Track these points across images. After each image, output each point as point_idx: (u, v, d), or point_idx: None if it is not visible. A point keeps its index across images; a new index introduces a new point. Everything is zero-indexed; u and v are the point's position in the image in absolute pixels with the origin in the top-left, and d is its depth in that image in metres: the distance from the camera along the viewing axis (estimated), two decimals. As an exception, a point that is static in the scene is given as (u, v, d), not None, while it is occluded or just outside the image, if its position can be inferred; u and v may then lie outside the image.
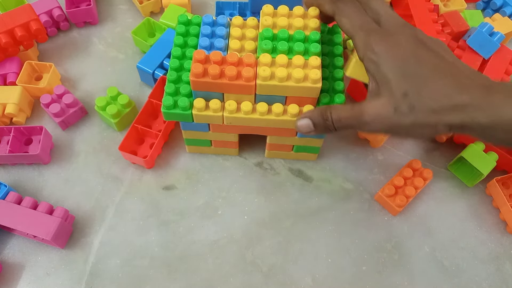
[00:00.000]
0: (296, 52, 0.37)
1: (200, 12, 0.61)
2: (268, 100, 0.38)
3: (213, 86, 0.37)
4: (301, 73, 0.35)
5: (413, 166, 0.46)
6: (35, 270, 0.42)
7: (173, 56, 0.40)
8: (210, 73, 0.35)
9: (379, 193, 0.45)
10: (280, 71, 0.35)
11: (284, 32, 0.37)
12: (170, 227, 0.44)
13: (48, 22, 0.55)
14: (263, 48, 0.37)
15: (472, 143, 0.47)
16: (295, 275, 0.42)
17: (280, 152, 0.47)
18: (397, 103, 0.32)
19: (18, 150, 0.47)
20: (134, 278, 0.41)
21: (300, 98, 0.38)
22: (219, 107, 0.38)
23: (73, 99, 0.48)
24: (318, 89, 0.36)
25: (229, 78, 0.35)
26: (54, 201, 0.45)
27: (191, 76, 0.36)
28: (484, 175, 0.45)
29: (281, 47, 0.37)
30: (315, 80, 0.35)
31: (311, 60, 0.36)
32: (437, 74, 0.32)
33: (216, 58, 0.35)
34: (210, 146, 0.47)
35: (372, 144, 0.50)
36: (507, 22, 0.57)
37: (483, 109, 0.30)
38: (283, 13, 0.39)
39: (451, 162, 0.48)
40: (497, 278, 0.43)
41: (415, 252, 0.44)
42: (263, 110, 0.38)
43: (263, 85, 0.36)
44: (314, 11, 0.39)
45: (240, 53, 0.38)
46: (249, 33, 0.38)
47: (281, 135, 0.43)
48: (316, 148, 0.46)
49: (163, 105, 0.39)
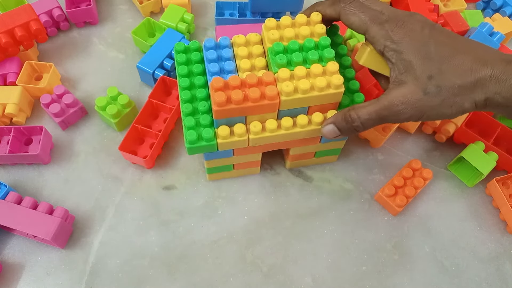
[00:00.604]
0: (311, 61, 0.36)
1: (200, 12, 0.61)
2: (291, 113, 0.37)
3: (238, 111, 0.35)
4: (324, 81, 0.35)
5: (413, 166, 0.46)
6: (35, 270, 0.42)
7: (183, 88, 0.38)
8: (234, 99, 0.34)
9: (379, 193, 0.45)
10: (302, 83, 0.34)
11: (294, 43, 0.36)
12: (170, 227, 0.44)
13: (48, 22, 0.55)
14: (278, 63, 0.36)
15: (472, 143, 0.47)
16: (295, 275, 0.42)
17: (301, 161, 0.47)
18: (424, 86, 0.33)
19: (18, 150, 0.47)
20: (134, 278, 0.41)
21: (323, 106, 0.37)
22: (244, 131, 0.37)
23: (73, 99, 0.48)
24: (341, 93, 0.36)
25: (253, 101, 0.34)
26: (54, 201, 0.45)
27: (215, 106, 0.34)
28: (484, 175, 0.45)
29: (296, 58, 0.36)
30: (338, 85, 0.35)
31: (329, 66, 0.35)
32: (457, 52, 0.33)
33: (235, 82, 0.34)
34: (232, 170, 0.46)
35: (372, 144, 0.50)
36: (507, 22, 0.57)
37: (505, 80, 0.31)
38: (287, 24, 0.37)
39: (451, 162, 0.48)
40: (497, 278, 0.43)
41: (415, 252, 0.44)
42: (289, 125, 0.37)
43: (287, 101, 0.35)
44: (317, 16, 0.38)
45: (252, 71, 0.37)
46: (255, 50, 0.37)
47: (306, 145, 0.42)
48: (338, 149, 0.46)
49: (187, 141, 0.36)
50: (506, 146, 0.49)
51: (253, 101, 0.34)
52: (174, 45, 0.51)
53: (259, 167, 0.47)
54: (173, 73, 0.53)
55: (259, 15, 0.57)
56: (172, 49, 0.51)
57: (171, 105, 0.48)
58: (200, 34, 0.59)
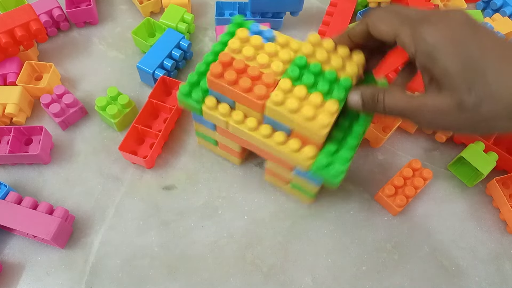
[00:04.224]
0: (319, 90, 0.34)
1: (200, 12, 0.61)
2: (274, 125, 0.37)
3: (226, 91, 0.36)
4: (311, 112, 0.33)
5: (413, 166, 0.46)
6: (35, 270, 0.42)
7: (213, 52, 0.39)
8: (226, 77, 0.34)
9: (379, 193, 0.45)
10: (291, 102, 0.33)
11: (316, 66, 0.35)
12: (170, 227, 0.44)
13: (48, 22, 0.55)
14: (288, 73, 0.35)
15: (472, 143, 0.47)
16: (295, 275, 0.42)
17: (277, 181, 0.46)
18: (462, 98, 0.28)
19: (18, 150, 0.47)
20: (134, 278, 0.41)
21: (305, 137, 0.35)
22: (227, 112, 0.37)
23: (73, 99, 0.48)
24: (322, 136, 0.34)
25: (241, 89, 0.34)
26: (54, 201, 0.45)
27: (208, 75, 0.35)
28: (484, 175, 0.45)
29: (307, 79, 0.34)
30: (323, 125, 0.33)
31: (329, 103, 0.33)
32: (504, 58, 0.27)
33: (239, 65, 0.35)
34: (216, 146, 0.47)
35: (372, 144, 0.50)
36: (507, 22, 0.57)
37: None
38: (328, 48, 0.35)
39: (451, 162, 0.48)
40: (497, 278, 0.43)
41: (415, 252, 0.44)
42: (266, 133, 0.36)
43: (271, 109, 0.34)
44: (358, 55, 0.35)
45: (265, 69, 0.36)
46: (283, 54, 0.36)
47: (279, 165, 0.41)
48: (310, 193, 0.43)
49: (179, 91, 0.39)
50: (506, 146, 0.49)
51: (242, 90, 0.35)
52: (174, 45, 0.52)
53: (240, 160, 0.47)
54: (173, 73, 0.53)
55: (259, 15, 0.57)
56: (172, 49, 0.51)
57: (171, 105, 0.48)
58: (200, 34, 0.59)
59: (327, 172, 0.35)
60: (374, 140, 0.49)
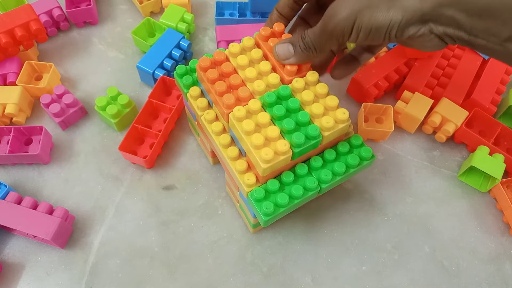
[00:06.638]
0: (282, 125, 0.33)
1: (200, 12, 0.61)
2: (235, 139, 0.36)
3: (205, 86, 0.37)
4: (260, 141, 0.32)
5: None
6: (35, 270, 0.42)
7: None
8: (208, 74, 0.35)
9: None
10: (247, 123, 0.32)
11: (296, 102, 0.34)
12: (170, 227, 0.44)
13: (48, 22, 0.55)
14: (264, 97, 0.34)
15: (477, 150, 0.46)
16: (295, 275, 0.42)
17: (232, 196, 0.45)
18: None
19: (18, 150, 0.47)
20: (134, 278, 0.41)
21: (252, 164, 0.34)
22: (204, 107, 0.38)
23: (73, 99, 0.48)
24: (262, 170, 0.32)
25: (215, 91, 0.35)
26: (54, 201, 0.45)
27: (197, 65, 0.37)
28: (499, 179, 0.45)
29: (277, 110, 0.33)
30: (264, 159, 0.32)
31: (281, 142, 0.32)
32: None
33: (226, 69, 0.36)
34: (198, 137, 0.47)
35: (375, 139, 0.50)
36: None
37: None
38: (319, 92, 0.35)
39: (460, 173, 0.48)
40: (497, 278, 0.43)
41: (415, 252, 0.44)
42: (224, 143, 0.36)
43: (231, 121, 0.34)
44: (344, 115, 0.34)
45: (248, 83, 0.36)
46: (272, 78, 0.35)
47: (230, 179, 0.40)
48: (251, 222, 0.41)
49: (176, 69, 0.40)
50: (506, 146, 0.49)
51: (215, 91, 0.35)
52: (174, 45, 0.52)
53: (212, 159, 0.47)
54: (173, 73, 0.53)
55: (259, 15, 0.57)
56: (172, 49, 0.51)
57: (171, 105, 0.48)
58: (200, 34, 0.59)
59: (260, 207, 0.34)
60: (378, 135, 0.49)
